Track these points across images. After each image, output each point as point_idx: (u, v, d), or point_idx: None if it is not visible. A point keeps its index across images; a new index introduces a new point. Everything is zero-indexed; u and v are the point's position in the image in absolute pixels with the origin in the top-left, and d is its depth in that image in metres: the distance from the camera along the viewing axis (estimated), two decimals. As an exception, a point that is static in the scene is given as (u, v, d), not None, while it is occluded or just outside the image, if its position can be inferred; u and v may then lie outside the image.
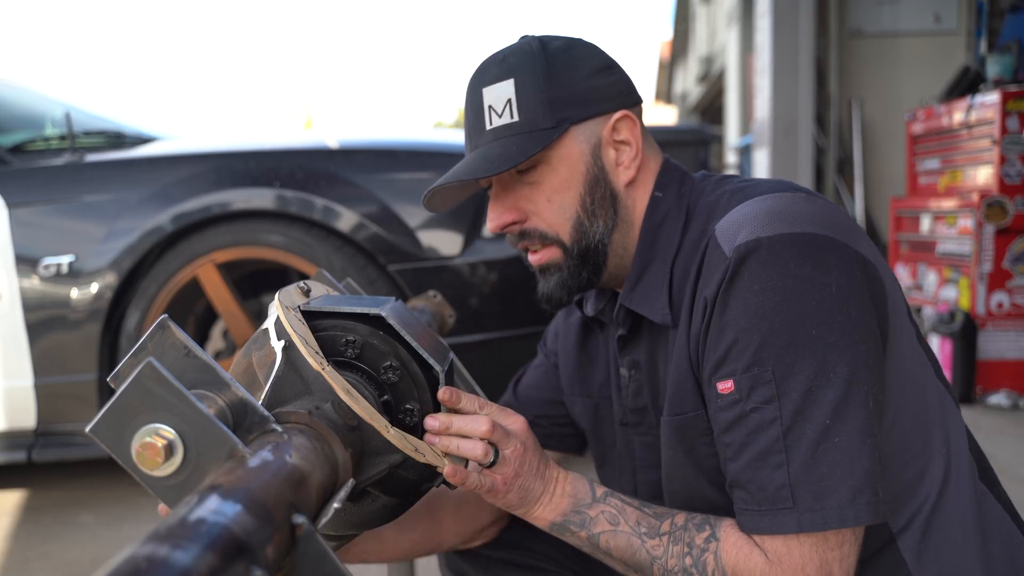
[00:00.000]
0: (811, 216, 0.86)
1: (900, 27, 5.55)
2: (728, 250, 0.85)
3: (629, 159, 0.99)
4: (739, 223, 0.87)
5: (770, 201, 0.88)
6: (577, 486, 0.94)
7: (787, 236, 0.83)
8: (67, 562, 2.19)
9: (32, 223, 2.43)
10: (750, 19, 7.15)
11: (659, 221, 0.98)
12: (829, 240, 0.84)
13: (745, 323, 0.83)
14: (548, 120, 0.95)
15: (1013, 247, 3.46)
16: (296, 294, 0.89)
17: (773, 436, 0.82)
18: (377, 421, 0.79)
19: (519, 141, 0.95)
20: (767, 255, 0.83)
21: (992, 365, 3.47)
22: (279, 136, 2.95)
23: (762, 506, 0.82)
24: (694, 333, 0.89)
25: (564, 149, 0.96)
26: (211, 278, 2.39)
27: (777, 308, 0.82)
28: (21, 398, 2.42)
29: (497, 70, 0.98)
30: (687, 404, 0.92)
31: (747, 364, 0.83)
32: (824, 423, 0.80)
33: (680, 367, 0.92)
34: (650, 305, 0.96)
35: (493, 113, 0.97)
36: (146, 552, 0.42)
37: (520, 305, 2.47)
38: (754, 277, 0.83)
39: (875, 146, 5.55)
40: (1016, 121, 3.44)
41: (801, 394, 0.81)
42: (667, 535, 0.89)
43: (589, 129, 0.97)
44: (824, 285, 0.82)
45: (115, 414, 0.57)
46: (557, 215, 0.98)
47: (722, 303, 0.85)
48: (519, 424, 0.91)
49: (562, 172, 0.97)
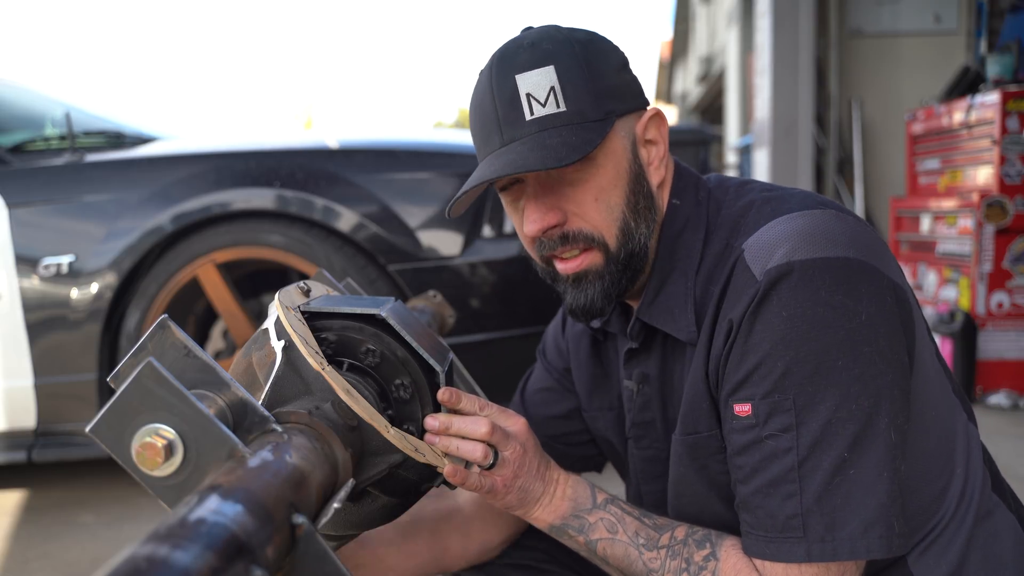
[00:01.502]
0: (844, 238, 0.83)
1: (900, 27, 5.55)
2: (759, 273, 0.82)
3: (659, 159, 0.93)
4: (771, 245, 0.83)
5: (802, 220, 0.84)
6: (578, 490, 0.93)
7: (820, 261, 0.81)
8: (67, 562, 2.19)
9: (32, 223, 2.43)
10: (750, 19, 7.15)
11: (678, 231, 0.93)
12: (861, 265, 0.81)
13: (770, 349, 0.80)
14: (596, 111, 0.88)
15: (1013, 247, 3.46)
16: (296, 294, 0.89)
17: (787, 466, 0.80)
18: (377, 421, 0.79)
19: (574, 131, 0.86)
20: (798, 281, 0.80)
21: (992, 365, 3.47)
22: (279, 136, 2.95)
23: (769, 532, 0.81)
24: (715, 354, 0.86)
25: (609, 144, 0.89)
26: (211, 278, 2.39)
27: (804, 336, 0.79)
28: (21, 398, 2.42)
29: (530, 56, 0.88)
30: (701, 424, 0.90)
31: (767, 390, 0.81)
32: (842, 456, 0.78)
33: (695, 386, 0.90)
34: (673, 322, 0.92)
35: (534, 101, 0.87)
36: (146, 552, 0.42)
37: (520, 305, 2.47)
38: (783, 303, 0.80)
39: (875, 146, 5.55)
40: (1016, 121, 3.44)
41: (821, 426, 0.79)
42: (665, 548, 0.88)
43: (628, 124, 0.91)
44: (854, 314, 0.80)
45: (115, 414, 0.57)
46: (604, 216, 0.90)
47: (748, 326, 0.82)
48: (519, 425, 0.90)
49: (609, 169, 0.89)
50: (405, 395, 0.86)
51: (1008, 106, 3.44)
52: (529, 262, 1.00)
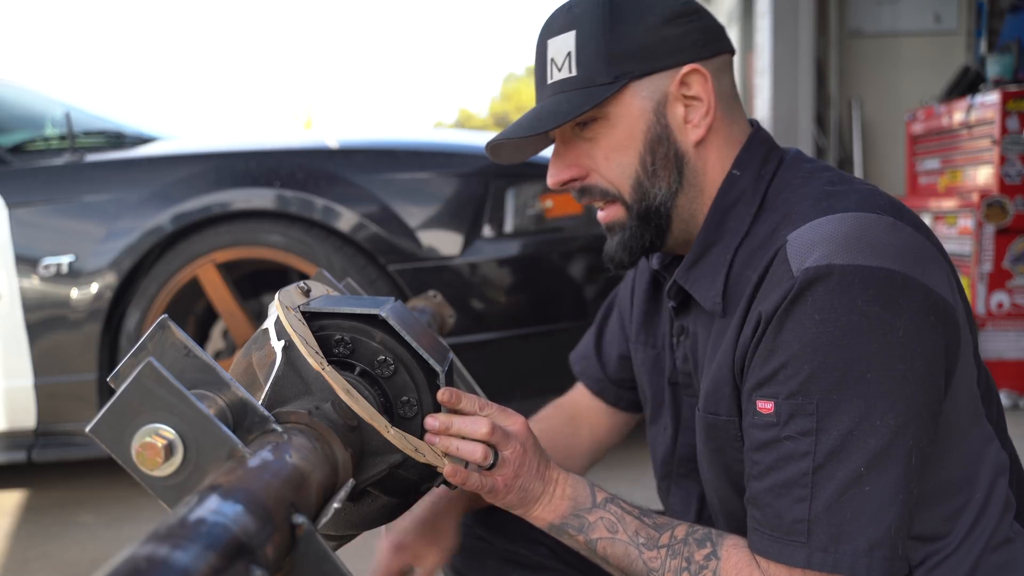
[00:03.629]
0: (893, 249, 0.80)
1: (900, 27, 5.55)
2: (796, 269, 0.80)
3: (699, 116, 0.91)
4: (813, 242, 0.81)
5: (852, 222, 0.81)
6: (578, 489, 0.92)
7: (862, 269, 0.78)
8: (67, 562, 2.19)
9: (32, 223, 2.43)
10: (750, 19, 7.14)
11: (731, 203, 0.92)
12: (906, 279, 0.78)
13: (798, 350, 0.79)
14: (606, 75, 0.89)
15: (1013, 247, 3.46)
16: (296, 294, 0.89)
17: (802, 469, 0.79)
18: (377, 421, 0.79)
19: (572, 97, 0.90)
20: (836, 285, 0.78)
21: (992, 365, 3.47)
22: (279, 136, 2.95)
23: (775, 532, 0.81)
24: (742, 342, 0.85)
25: (623, 106, 0.91)
26: (211, 278, 2.39)
27: (835, 343, 0.77)
28: (21, 398, 2.42)
29: (562, 20, 0.93)
30: (721, 407, 0.90)
31: (792, 391, 0.79)
32: (858, 470, 0.77)
33: (721, 369, 0.89)
34: (704, 290, 0.92)
35: (554, 66, 0.93)
36: (146, 552, 0.42)
37: (520, 305, 2.47)
38: (817, 305, 0.78)
39: (875, 146, 5.55)
40: (1016, 121, 3.44)
41: (841, 435, 0.77)
42: (666, 548, 0.88)
43: (653, 84, 0.91)
44: (891, 328, 0.77)
45: (115, 414, 0.57)
46: (616, 173, 0.93)
47: (778, 324, 0.80)
48: (519, 425, 0.90)
49: (620, 130, 0.91)
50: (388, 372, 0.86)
51: (1008, 106, 3.44)
52: (529, 262, 1.02)
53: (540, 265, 2.48)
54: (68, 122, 2.61)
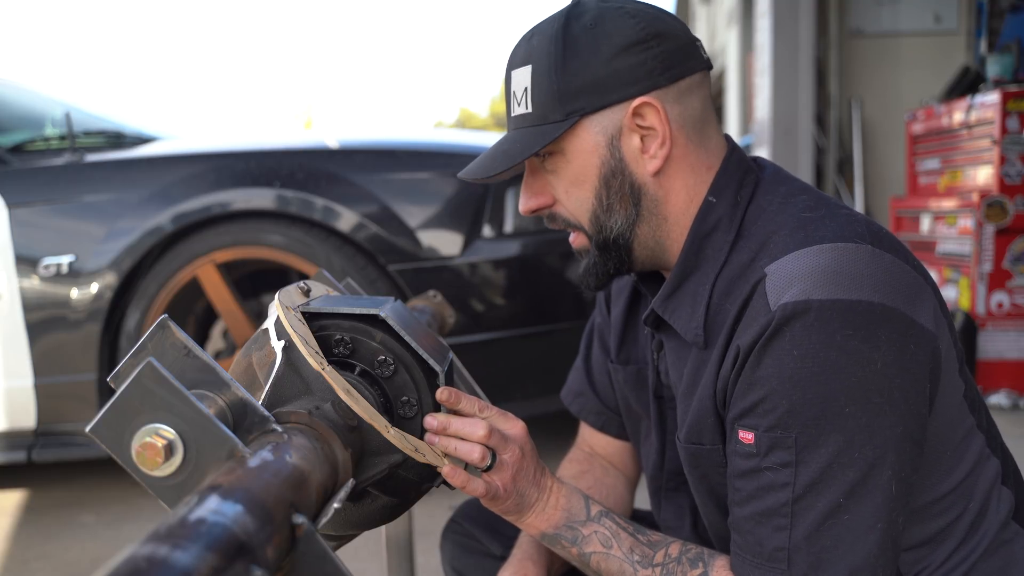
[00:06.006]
0: (873, 279, 0.79)
1: (900, 27, 5.55)
2: (774, 304, 0.80)
3: (656, 147, 0.90)
4: (791, 276, 0.80)
5: (831, 254, 0.80)
6: (572, 500, 0.93)
7: (840, 303, 0.77)
8: (67, 562, 2.19)
9: (32, 223, 2.43)
10: (750, 19, 7.14)
11: (708, 231, 0.91)
12: (885, 310, 0.78)
13: (777, 385, 0.79)
14: (558, 113, 0.89)
15: (1013, 247, 3.46)
16: (296, 294, 0.89)
17: (781, 500, 0.80)
18: (377, 421, 0.79)
19: (525, 136, 0.92)
20: (814, 321, 0.77)
21: (992, 365, 3.46)
22: (279, 136, 2.95)
23: (756, 558, 0.82)
24: (723, 375, 0.85)
25: (577, 141, 0.90)
26: (211, 278, 2.39)
27: (814, 378, 0.77)
28: (21, 398, 2.42)
29: (523, 52, 0.93)
30: (705, 437, 0.90)
31: (771, 425, 0.80)
32: (837, 500, 0.78)
33: (703, 401, 0.89)
34: (684, 321, 0.91)
35: (515, 100, 0.94)
36: (146, 552, 0.42)
37: (520, 305, 2.47)
38: (795, 341, 0.78)
39: (875, 146, 5.55)
40: (1016, 121, 3.44)
41: (820, 468, 0.78)
42: (660, 567, 0.89)
43: (606, 118, 0.89)
44: (869, 361, 0.77)
45: (115, 414, 0.57)
46: (575, 206, 0.93)
47: (756, 358, 0.80)
48: (518, 429, 0.90)
49: (575, 165, 0.91)
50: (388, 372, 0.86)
51: (1008, 106, 3.44)
52: (529, 262, 1.02)
53: (540, 265, 2.48)
54: (68, 122, 2.61)
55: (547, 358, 2.46)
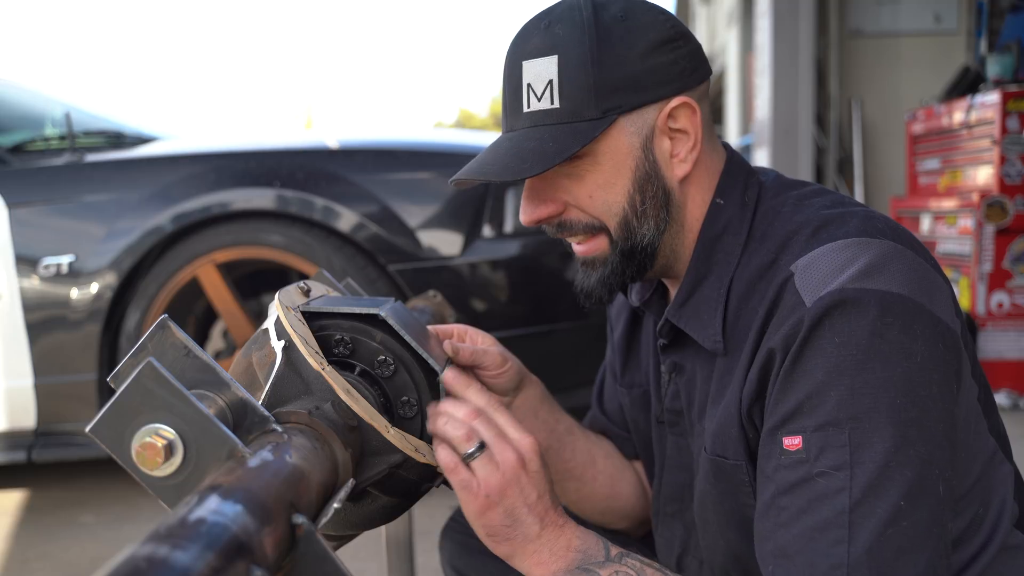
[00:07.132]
0: (900, 274, 0.76)
1: (900, 27, 5.55)
2: (808, 299, 0.76)
3: (686, 151, 0.86)
4: (823, 271, 0.77)
5: (857, 248, 0.77)
6: (588, 542, 0.83)
7: (876, 293, 0.74)
8: (67, 562, 2.19)
9: (32, 223, 2.43)
10: (750, 19, 7.14)
11: (718, 234, 0.87)
12: (916, 306, 0.75)
13: (823, 377, 0.73)
14: (593, 110, 0.82)
15: (1013, 247, 3.46)
16: (296, 294, 0.89)
17: (838, 508, 0.72)
18: (377, 421, 0.79)
19: (557, 134, 0.83)
20: (852, 309, 0.74)
21: (992, 365, 3.47)
22: (279, 136, 2.95)
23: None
24: (751, 380, 0.80)
25: (611, 142, 0.84)
26: (211, 278, 2.39)
27: (861, 366, 0.73)
28: (21, 398, 2.42)
29: (540, 41, 0.84)
30: (728, 450, 0.84)
31: (820, 422, 0.73)
32: (897, 504, 0.71)
33: (728, 409, 0.84)
34: (701, 328, 0.87)
35: (532, 93, 0.84)
36: (146, 552, 0.42)
37: (520, 305, 2.47)
38: (836, 330, 0.74)
39: (875, 146, 5.55)
40: (1016, 121, 3.44)
41: (878, 468, 0.71)
42: None
43: (641, 118, 0.84)
44: (911, 353, 0.73)
45: (115, 414, 0.57)
46: (602, 211, 0.86)
47: (796, 355, 0.75)
48: (527, 440, 0.82)
49: (607, 167, 0.85)
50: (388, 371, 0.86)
51: (1008, 106, 3.44)
52: (529, 262, 0.99)
53: (540, 265, 2.48)
54: (68, 122, 2.61)
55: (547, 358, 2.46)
